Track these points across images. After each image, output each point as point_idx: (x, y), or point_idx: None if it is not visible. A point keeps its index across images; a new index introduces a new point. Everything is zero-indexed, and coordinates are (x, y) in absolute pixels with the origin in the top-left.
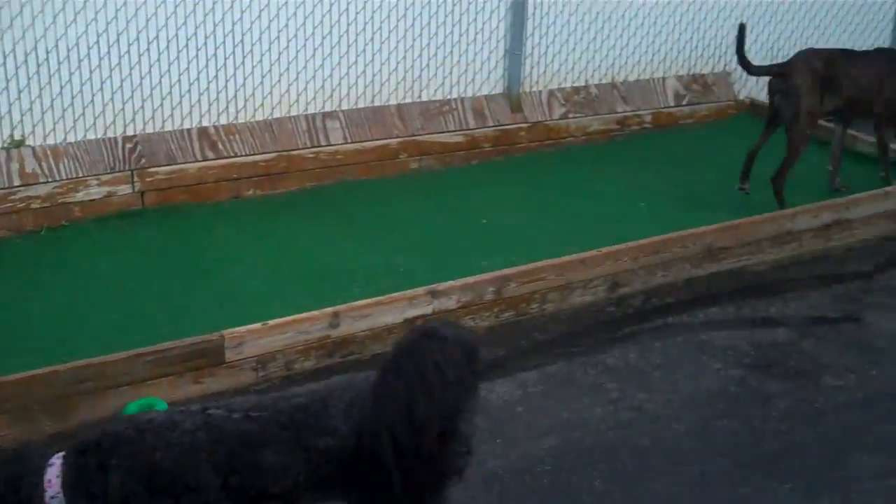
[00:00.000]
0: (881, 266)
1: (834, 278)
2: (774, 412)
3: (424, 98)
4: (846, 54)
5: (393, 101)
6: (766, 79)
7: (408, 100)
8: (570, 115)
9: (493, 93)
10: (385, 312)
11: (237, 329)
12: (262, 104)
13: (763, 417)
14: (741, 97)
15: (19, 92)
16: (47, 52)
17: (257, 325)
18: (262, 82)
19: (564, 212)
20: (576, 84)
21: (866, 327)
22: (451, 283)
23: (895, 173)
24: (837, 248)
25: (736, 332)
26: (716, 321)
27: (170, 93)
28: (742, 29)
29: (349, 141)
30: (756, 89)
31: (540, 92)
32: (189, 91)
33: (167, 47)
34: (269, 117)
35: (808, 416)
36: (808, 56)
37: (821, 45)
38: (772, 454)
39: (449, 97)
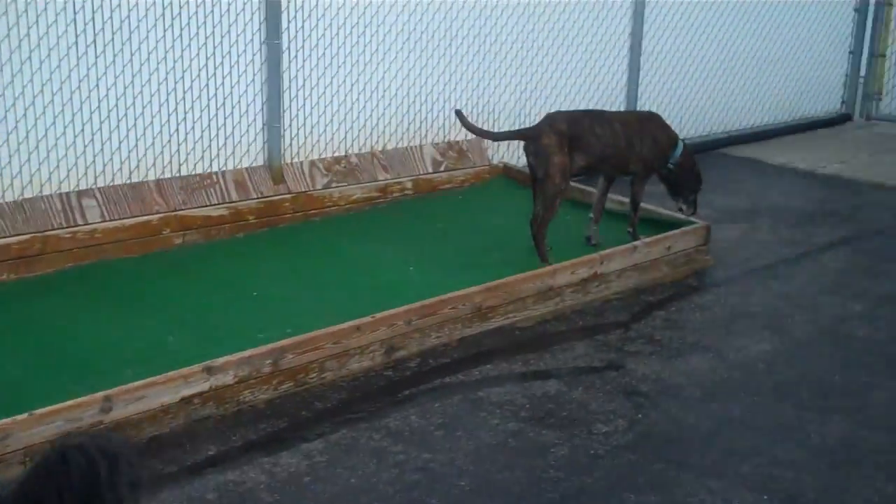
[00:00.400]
0: (637, 315)
1: (595, 329)
2: (553, 461)
3: (184, 172)
4: (592, 114)
5: (152, 177)
6: (518, 144)
7: (167, 174)
8: (333, 185)
9: (255, 165)
10: (160, 393)
11: (1, 421)
12: (12, 184)
13: (543, 467)
14: (495, 162)
15: None
16: None
17: (23, 416)
18: (10, 162)
19: (335, 280)
20: (336, 154)
21: (629, 374)
22: (226, 358)
23: (642, 229)
24: (595, 301)
25: (510, 387)
26: (490, 378)
27: None
28: (459, 113)
29: (107, 219)
30: (508, 154)
31: (301, 163)
32: None
33: None
34: (21, 197)
35: (584, 463)
36: (553, 118)
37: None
38: (553, 501)
39: (210, 170)
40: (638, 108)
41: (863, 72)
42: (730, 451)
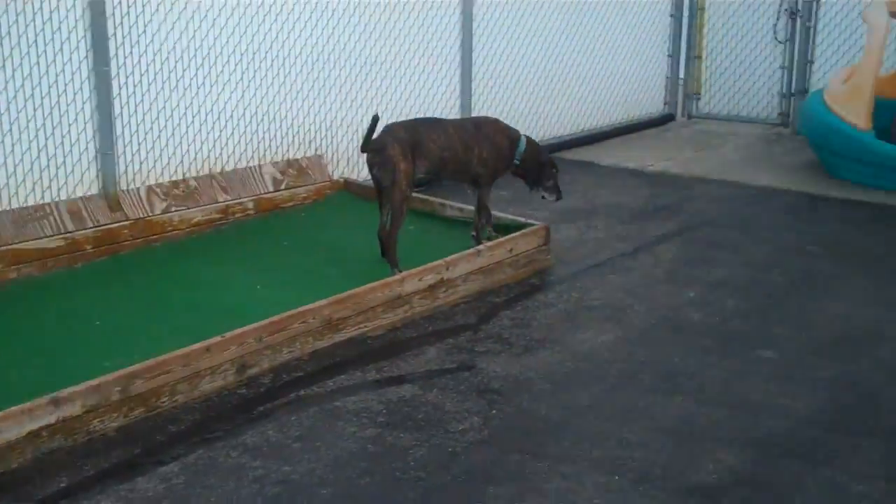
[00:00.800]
0: (484, 317)
1: (445, 333)
2: (412, 462)
3: (15, 205)
4: (429, 122)
5: None
6: (360, 158)
7: None
8: (173, 209)
9: (90, 194)
10: (5, 429)
11: None
12: None
13: (403, 469)
14: (335, 177)
15: None
16: None
17: None
18: None
19: (181, 303)
20: (174, 178)
21: (481, 373)
22: (72, 388)
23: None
24: (444, 306)
25: (366, 395)
26: (345, 387)
27: None
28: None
29: None
30: (347, 169)
31: (138, 189)
32: None
33: None
34: None
35: (443, 461)
36: (392, 129)
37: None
38: (415, 500)
39: (42, 202)
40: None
41: (682, 73)
42: (581, 438)
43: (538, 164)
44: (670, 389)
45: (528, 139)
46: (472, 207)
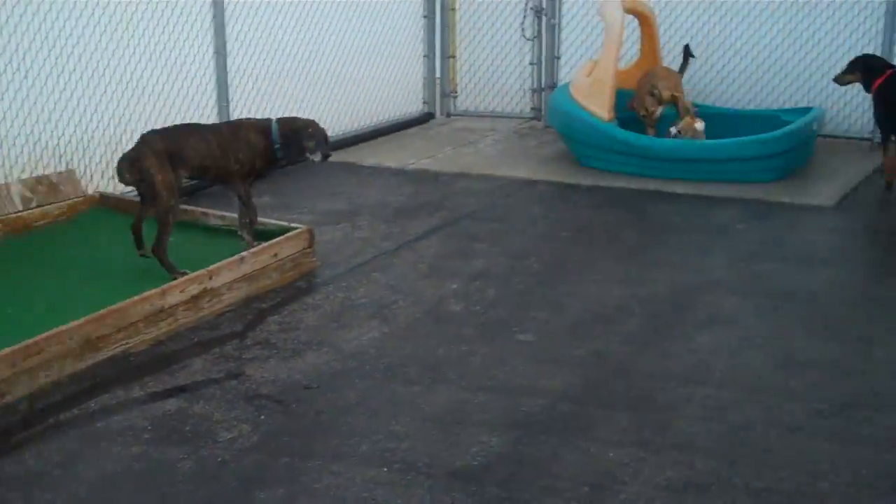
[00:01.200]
0: (251, 324)
1: (211, 343)
2: (180, 476)
3: None
4: (186, 128)
5: None
6: (113, 171)
7: None
8: None
9: None
10: None
11: None
12: None
13: (170, 483)
14: (90, 192)
15: None
16: None
17: None
18: None
19: None
20: None
21: (248, 380)
22: None
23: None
24: (209, 316)
25: (129, 413)
26: (108, 407)
27: None
28: None
29: None
30: (103, 183)
31: None
32: None
33: None
34: None
35: (211, 471)
36: (148, 139)
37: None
38: None
39: None
40: None
41: (438, 73)
42: (350, 435)
43: (297, 134)
44: (435, 379)
45: (280, 118)
46: (234, 215)
